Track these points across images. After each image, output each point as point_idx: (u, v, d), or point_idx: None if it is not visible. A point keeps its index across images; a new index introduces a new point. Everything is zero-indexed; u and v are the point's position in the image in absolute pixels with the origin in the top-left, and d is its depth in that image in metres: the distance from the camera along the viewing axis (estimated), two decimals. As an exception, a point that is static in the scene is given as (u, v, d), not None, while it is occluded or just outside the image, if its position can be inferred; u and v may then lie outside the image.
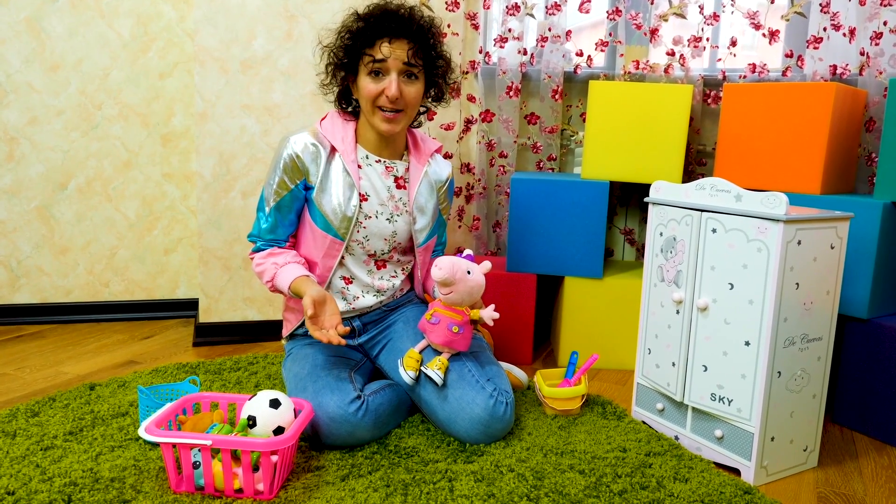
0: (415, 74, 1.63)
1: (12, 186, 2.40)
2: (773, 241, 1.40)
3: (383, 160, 1.74)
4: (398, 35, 1.59)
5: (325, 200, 1.66)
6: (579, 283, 2.15)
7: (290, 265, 1.65)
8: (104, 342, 2.30)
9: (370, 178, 1.71)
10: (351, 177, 1.67)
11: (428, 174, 1.79)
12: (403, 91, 1.61)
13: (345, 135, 1.69)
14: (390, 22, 1.58)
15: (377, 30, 1.59)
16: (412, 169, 1.77)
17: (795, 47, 2.26)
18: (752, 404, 1.46)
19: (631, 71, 2.36)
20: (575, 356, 1.87)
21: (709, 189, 1.53)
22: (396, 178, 1.75)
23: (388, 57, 1.58)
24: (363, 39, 1.60)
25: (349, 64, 1.65)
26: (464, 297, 1.57)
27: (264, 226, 1.70)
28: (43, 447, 1.47)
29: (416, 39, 1.60)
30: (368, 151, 1.73)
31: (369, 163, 1.72)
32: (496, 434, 1.56)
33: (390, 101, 1.60)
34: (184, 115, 2.51)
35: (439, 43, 1.69)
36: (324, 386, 1.53)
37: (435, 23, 1.68)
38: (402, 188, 1.76)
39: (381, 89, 1.60)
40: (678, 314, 1.60)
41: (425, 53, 1.63)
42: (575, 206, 2.11)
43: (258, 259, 1.70)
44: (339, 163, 1.67)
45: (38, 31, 2.34)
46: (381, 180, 1.73)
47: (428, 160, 1.80)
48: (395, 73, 1.59)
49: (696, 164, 2.40)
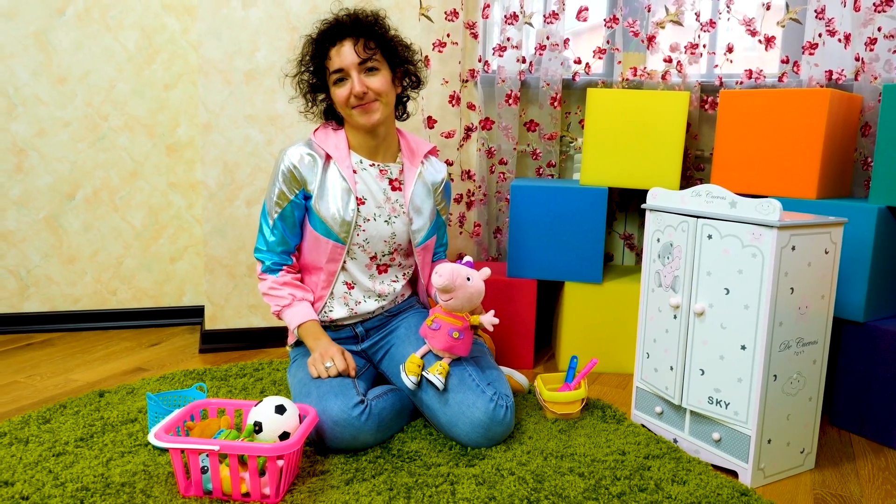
0: (374, 67, 1.68)
1: (21, 197, 2.44)
2: (767, 247, 1.42)
3: (377, 164, 1.79)
4: (342, 37, 1.67)
5: (323, 207, 1.71)
6: (579, 289, 2.18)
7: (304, 303, 1.75)
8: (112, 349, 2.34)
9: (366, 182, 1.76)
10: (347, 182, 1.72)
11: (423, 175, 1.83)
12: (368, 83, 1.67)
13: (338, 142, 1.75)
14: (334, 29, 1.68)
15: (325, 40, 1.69)
16: (406, 171, 1.81)
17: (791, 53, 2.29)
18: (748, 407, 1.49)
19: (629, 78, 2.39)
20: (575, 360, 1.90)
21: (704, 196, 1.56)
22: (391, 181, 1.80)
23: (340, 60, 1.66)
24: (318, 56, 1.70)
25: (320, 83, 1.75)
26: (464, 304, 1.60)
27: (271, 239, 1.74)
28: (55, 453, 1.50)
29: (360, 33, 1.67)
30: (362, 157, 1.78)
31: (364, 167, 1.77)
32: (497, 437, 1.59)
33: (358, 97, 1.66)
34: (188, 126, 2.55)
35: (387, 29, 1.74)
36: (327, 391, 1.56)
37: (379, 14, 1.75)
38: (397, 190, 1.80)
39: (349, 91, 1.67)
40: (676, 319, 1.63)
41: (377, 42, 1.69)
42: (574, 213, 2.14)
43: (271, 283, 1.75)
44: (334, 169, 1.73)
45: (46, 44, 2.38)
46: (376, 183, 1.77)
47: (422, 161, 1.84)
48: (354, 72, 1.66)
49: (694, 169, 2.43)
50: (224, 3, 2.17)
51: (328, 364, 1.63)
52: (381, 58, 1.70)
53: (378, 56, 1.69)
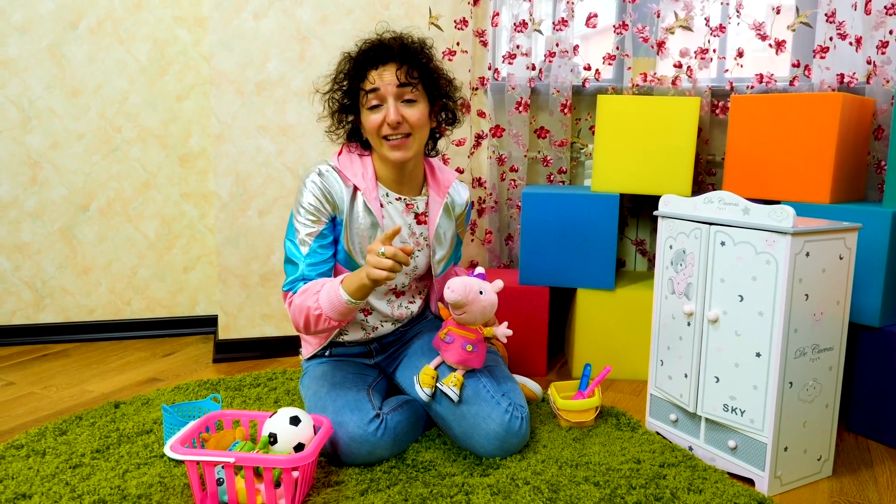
0: (413, 99, 1.61)
1: (36, 209, 2.46)
2: (781, 254, 1.42)
3: (403, 198, 1.72)
4: (385, 60, 1.59)
5: (351, 240, 1.66)
6: (592, 295, 2.17)
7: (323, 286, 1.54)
8: (127, 360, 2.35)
9: (392, 217, 1.70)
10: (374, 216, 1.66)
11: (447, 206, 1.79)
12: (404, 114, 1.59)
13: (364, 172, 1.67)
14: (377, 51, 1.59)
15: (365, 61, 1.60)
16: (431, 203, 1.76)
17: (802, 57, 2.28)
18: (764, 415, 1.48)
19: (639, 83, 2.38)
20: (588, 368, 1.89)
21: (717, 202, 1.55)
22: (417, 215, 1.75)
23: (380, 83, 1.58)
24: (356, 75, 1.62)
25: (351, 105, 1.67)
26: (476, 317, 1.59)
27: (308, 264, 1.61)
28: (72, 465, 1.51)
29: (405, 60, 1.59)
30: (388, 189, 1.71)
31: (390, 200, 1.71)
32: (512, 449, 1.59)
33: (392, 126, 1.58)
34: (200, 136, 2.57)
35: (432, 60, 1.66)
36: (343, 405, 1.56)
37: (426, 42, 1.67)
38: (422, 224, 1.76)
39: (383, 118, 1.59)
40: (689, 326, 1.63)
41: (420, 72, 1.62)
42: (586, 219, 2.14)
43: (293, 298, 1.59)
44: (361, 202, 1.66)
45: (60, 57, 2.41)
46: (402, 218, 1.72)
47: (447, 192, 1.78)
48: (391, 99, 1.58)
49: (705, 174, 2.42)
50: (235, 14, 2.19)
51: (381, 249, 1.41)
52: (422, 89, 1.63)
53: (419, 87, 1.62)
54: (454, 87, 1.73)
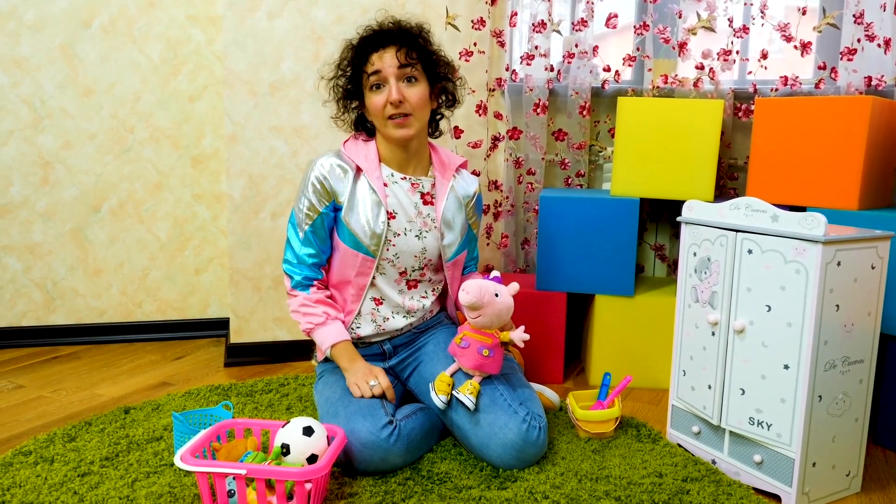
0: (414, 77, 1.66)
1: (47, 210, 2.44)
2: (811, 263, 1.37)
3: (408, 177, 1.75)
4: (386, 43, 1.65)
5: (353, 219, 1.67)
6: (610, 301, 2.13)
7: (338, 322, 1.72)
8: (138, 363, 2.32)
9: (397, 196, 1.72)
10: (377, 195, 1.68)
11: (454, 189, 1.79)
12: (405, 93, 1.64)
13: (368, 153, 1.72)
14: (377, 35, 1.67)
15: (366, 46, 1.67)
16: (438, 184, 1.77)
17: (829, 59, 2.23)
18: (792, 429, 1.43)
19: (659, 85, 2.33)
20: (608, 377, 1.85)
21: (744, 209, 1.50)
22: (423, 195, 1.76)
23: (382, 65, 1.63)
24: (358, 60, 1.68)
25: (354, 90, 1.72)
26: (492, 321, 1.56)
27: (303, 252, 1.71)
28: (80, 473, 1.48)
29: (404, 42, 1.65)
30: (393, 170, 1.74)
31: (395, 180, 1.73)
32: (529, 459, 1.54)
33: (394, 105, 1.63)
34: (213, 137, 2.54)
35: (430, 43, 1.73)
36: (355, 411, 1.53)
37: (423, 26, 1.73)
38: (429, 204, 1.76)
39: (385, 98, 1.64)
40: (714, 336, 1.58)
41: (419, 53, 1.67)
42: (605, 224, 2.09)
43: (303, 300, 1.70)
44: (364, 182, 1.70)
45: (72, 56, 2.38)
46: (407, 197, 1.73)
47: (453, 175, 1.80)
48: (393, 79, 1.63)
49: (727, 178, 2.37)
50: (249, 13, 2.15)
51: (373, 382, 1.60)
52: (421, 70, 1.68)
53: (418, 67, 1.67)
54: (452, 69, 1.79)
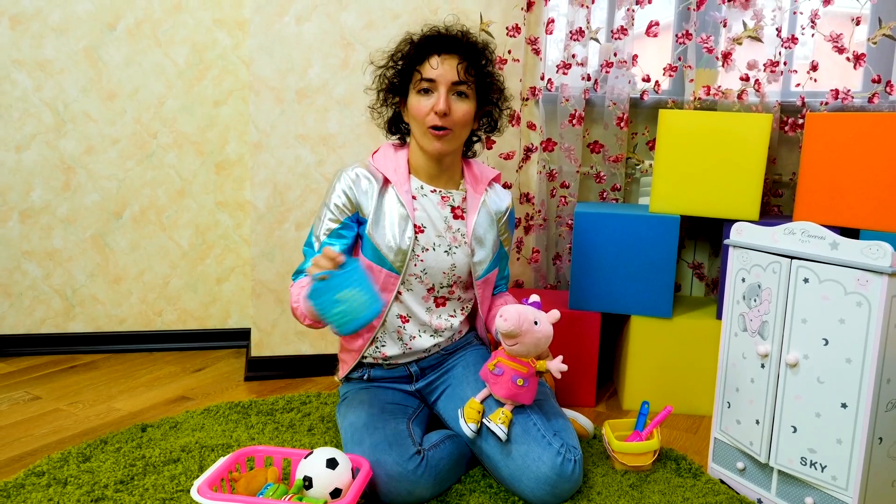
0: (465, 93, 1.59)
1: (68, 215, 2.39)
2: (875, 295, 1.27)
3: (439, 190, 1.67)
4: (448, 51, 1.58)
5: (378, 234, 1.59)
6: (647, 323, 2.03)
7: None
8: (156, 374, 2.27)
9: (426, 209, 1.64)
10: (405, 208, 1.60)
11: (486, 203, 1.71)
12: (452, 107, 1.57)
13: (397, 165, 1.64)
14: (442, 39, 1.59)
15: (428, 46, 1.59)
16: (469, 198, 1.69)
17: (884, 72, 2.11)
18: (849, 472, 1.33)
19: (701, 97, 2.23)
20: (646, 406, 1.75)
21: (799, 234, 1.41)
22: (453, 209, 1.68)
23: (437, 72, 1.56)
24: (416, 58, 1.60)
25: (400, 86, 1.65)
26: (530, 350, 1.47)
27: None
28: (94, 498, 1.42)
29: (467, 56, 1.58)
30: (423, 181, 1.66)
31: (424, 193, 1.66)
32: (564, 494, 1.46)
33: (439, 116, 1.56)
34: (237, 143, 2.48)
35: (492, 64, 1.66)
36: (381, 440, 1.45)
37: (489, 46, 1.66)
38: (459, 218, 1.68)
39: (431, 106, 1.57)
40: (763, 368, 1.48)
41: (476, 72, 1.60)
42: (643, 242, 1.99)
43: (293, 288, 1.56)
44: (392, 194, 1.62)
45: (96, 60, 2.34)
46: (437, 211, 1.65)
47: (486, 189, 1.72)
48: (443, 89, 1.56)
49: (771, 195, 2.26)
50: (277, 18, 2.09)
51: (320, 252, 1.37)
52: (474, 89, 1.61)
53: (472, 85, 1.60)
54: (504, 98, 1.73)
